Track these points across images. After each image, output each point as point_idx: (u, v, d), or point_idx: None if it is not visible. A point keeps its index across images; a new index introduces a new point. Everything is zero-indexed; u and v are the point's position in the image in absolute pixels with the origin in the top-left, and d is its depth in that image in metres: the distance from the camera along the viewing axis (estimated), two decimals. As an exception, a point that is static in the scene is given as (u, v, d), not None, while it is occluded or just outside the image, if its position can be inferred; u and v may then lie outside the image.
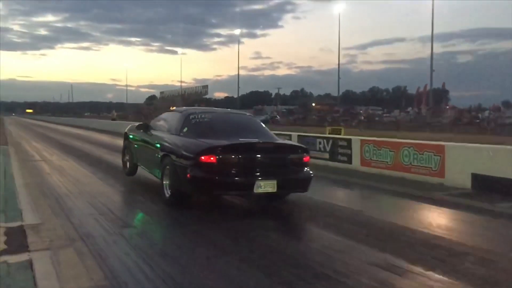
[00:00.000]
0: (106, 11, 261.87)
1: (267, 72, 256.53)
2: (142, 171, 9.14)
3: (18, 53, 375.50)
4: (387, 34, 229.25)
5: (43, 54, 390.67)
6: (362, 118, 57.05)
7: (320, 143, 13.30)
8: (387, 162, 10.76)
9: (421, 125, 44.74)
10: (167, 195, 7.01)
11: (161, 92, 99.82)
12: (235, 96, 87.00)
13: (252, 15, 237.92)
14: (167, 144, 7.31)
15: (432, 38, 53.91)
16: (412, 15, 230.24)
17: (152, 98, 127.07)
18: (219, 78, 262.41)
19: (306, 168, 7.06)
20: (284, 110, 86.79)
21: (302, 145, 8.02)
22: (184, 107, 9.89)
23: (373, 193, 9.16)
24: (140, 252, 4.72)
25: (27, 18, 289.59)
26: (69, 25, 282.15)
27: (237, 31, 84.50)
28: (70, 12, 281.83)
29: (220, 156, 6.28)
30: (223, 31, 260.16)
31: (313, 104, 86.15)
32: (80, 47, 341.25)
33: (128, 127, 10.44)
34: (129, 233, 5.49)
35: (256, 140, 6.91)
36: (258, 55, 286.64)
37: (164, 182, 7.11)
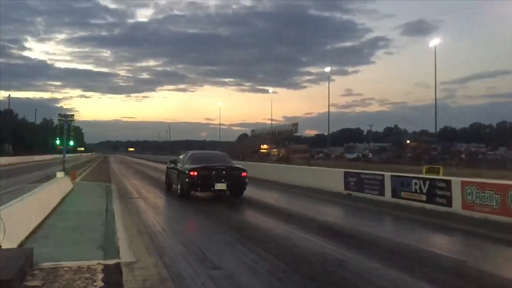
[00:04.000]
0: (201, 55, 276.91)
1: (359, 109, 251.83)
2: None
3: (123, 95, 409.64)
4: (489, 67, 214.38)
5: (145, 96, 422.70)
6: (463, 156, 53.47)
7: (415, 183, 12.56)
8: (492, 206, 9.83)
9: (531, 164, 40.78)
10: (179, 193, 14.12)
11: (252, 131, 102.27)
12: (326, 133, 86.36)
13: (343, 52, 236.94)
14: (180, 168, 14.45)
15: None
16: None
17: (243, 136, 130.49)
18: (309, 115, 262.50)
19: (244, 179, 13.82)
20: (377, 147, 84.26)
21: (242, 167, 14.39)
22: (191, 151, 17.04)
23: (477, 241, 8.34)
24: (227, 296, 4.67)
25: (132, 64, 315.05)
26: (168, 68, 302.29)
27: (327, 69, 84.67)
28: (169, 57, 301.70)
29: (200, 172, 13.17)
30: (313, 69, 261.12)
31: (408, 141, 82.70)
32: (177, 88, 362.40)
33: (167, 164, 17.37)
34: (217, 275, 5.48)
35: (217, 164, 13.98)
36: (349, 92, 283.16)
37: (178, 187, 14.35)
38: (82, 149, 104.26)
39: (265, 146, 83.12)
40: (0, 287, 4.03)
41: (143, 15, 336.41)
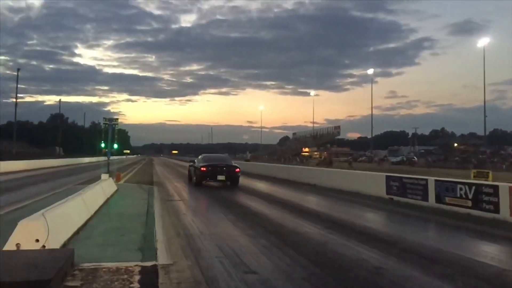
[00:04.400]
0: (244, 59, 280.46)
1: (403, 112, 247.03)
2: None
3: (167, 99, 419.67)
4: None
5: (188, 100, 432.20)
6: (514, 159, 51.00)
7: (461, 189, 12.10)
8: (544, 213, 9.33)
9: None
10: (194, 182, 21.32)
11: (294, 133, 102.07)
12: (369, 136, 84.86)
13: (387, 54, 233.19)
14: (195, 165, 21.48)
15: None
16: None
17: (285, 139, 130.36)
18: (351, 118, 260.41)
19: (237, 173, 20.94)
20: (422, 151, 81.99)
21: (237, 165, 21.81)
22: (203, 154, 23.53)
23: (526, 250, 7.94)
24: (259, 301, 4.65)
25: (176, 68, 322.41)
26: (211, 72, 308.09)
27: (370, 71, 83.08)
28: (212, 61, 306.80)
29: (207, 168, 20.34)
30: (356, 71, 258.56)
31: (455, 145, 80.00)
32: (219, 92, 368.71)
33: (189, 162, 24.79)
34: (252, 280, 5.47)
35: (220, 163, 20.98)
36: (393, 94, 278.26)
37: (193, 178, 21.63)
38: (128, 151, 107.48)
39: (306, 149, 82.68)
40: (40, 286, 4.18)
41: (187, 20, 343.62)
